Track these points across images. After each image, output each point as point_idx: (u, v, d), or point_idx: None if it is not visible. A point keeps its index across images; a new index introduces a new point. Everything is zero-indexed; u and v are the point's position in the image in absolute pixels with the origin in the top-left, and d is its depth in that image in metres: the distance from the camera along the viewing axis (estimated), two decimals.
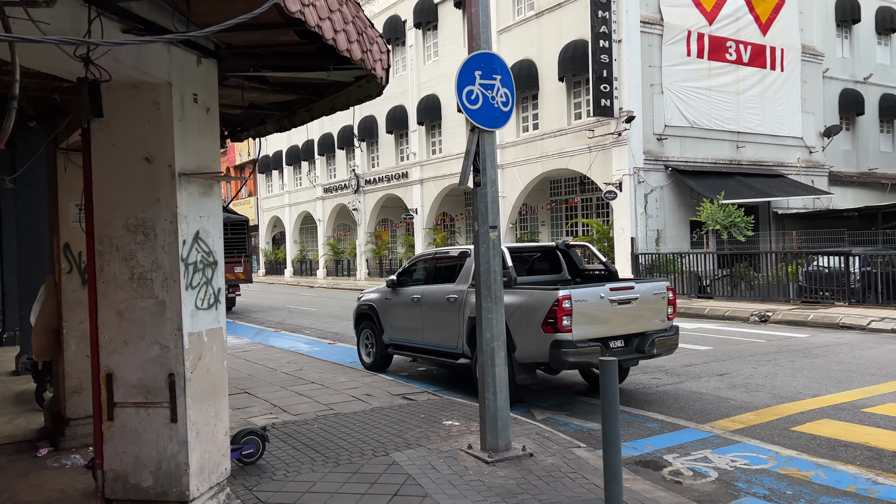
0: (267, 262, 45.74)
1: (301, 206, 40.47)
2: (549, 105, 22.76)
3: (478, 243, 5.23)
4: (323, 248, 37.94)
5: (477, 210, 5.27)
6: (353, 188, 34.15)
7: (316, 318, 17.97)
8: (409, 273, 9.75)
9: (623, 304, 7.30)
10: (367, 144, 33.75)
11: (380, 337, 9.88)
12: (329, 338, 14.01)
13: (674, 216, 20.98)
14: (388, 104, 30.97)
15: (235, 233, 20.34)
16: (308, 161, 39.44)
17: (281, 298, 25.99)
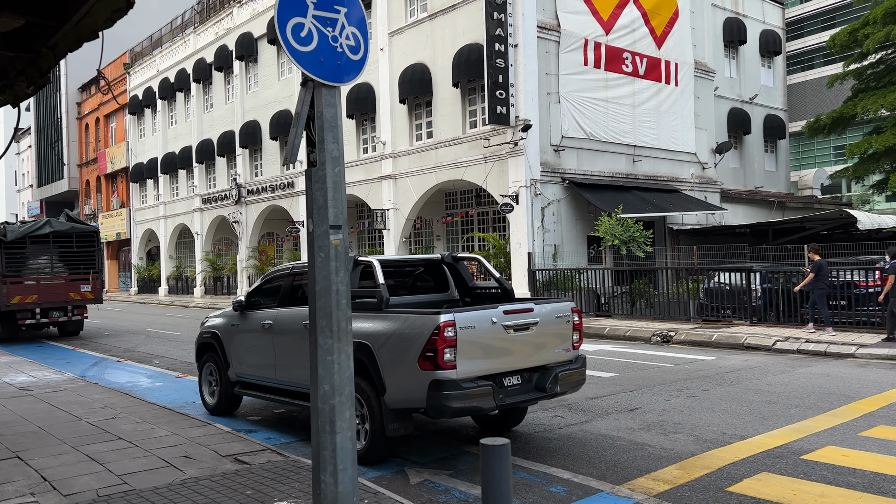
0: (140, 280, 41.82)
1: (178, 217, 37.18)
2: (443, 112, 21.42)
3: (312, 251, 3.53)
4: (201, 263, 34.85)
5: (312, 202, 3.57)
6: (234, 198, 31.50)
7: (175, 345, 15.56)
8: (261, 293, 7.88)
9: (520, 331, 5.78)
10: (250, 151, 31.25)
11: (225, 373, 7.92)
12: (181, 369, 11.79)
13: (571, 231, 20.08)
14: (273, 108, 28.74)
15: (82, 245, 17.57)
16: (185, 169, 36.32)
17: (145, 320, 23.09)
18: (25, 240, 16.57)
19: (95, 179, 47.66)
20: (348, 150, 25.28)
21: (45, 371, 10.66)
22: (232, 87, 32.26)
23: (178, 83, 35.79)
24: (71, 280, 17.23)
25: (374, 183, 24.05)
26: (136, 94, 40.51)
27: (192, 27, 35.44)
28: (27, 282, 16.60)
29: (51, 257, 17.14)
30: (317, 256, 3.48)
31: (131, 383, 10.51)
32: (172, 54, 36.82)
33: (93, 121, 47.70)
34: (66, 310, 17.09)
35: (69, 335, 18.12)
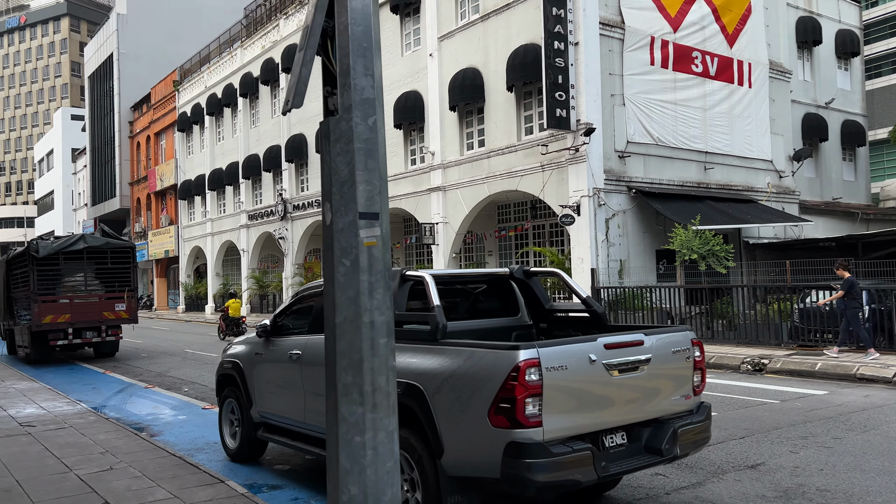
0: (187, 298, 41.42)
1: (224, 234, 36.63)
2: (496, 119, 20.01)
3: (330, 257, 2.11)
4: (247, 281, 34.10)
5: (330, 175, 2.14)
6: (280, 214, 30.66)
7: (210, 368, 14.38)
8: (290, 316, 6.54)
9: (627, 373, 4.26)
10: (296, 166, 30.41)
11: (248, 412, 6.59)
12: (210, 398, 10.52)
13: (638, 244, 18.33)
14: (319, 120, 27.74)
15: (117, 262, 16.68)
16: (232, 185, 35.78)
17: (185, 340, 22.19)
18: (58, 256, 15.75)
19: (146, 197, 47.81)
20: (395, 161, 24.10)
21: (59, 401, 9.54)
22: (278, 101, 31.56)
23: (225, 98, 35.38)
24: (105, 298, 16.33)
25: (422, 196, 22.76)
26: (184, 111, 40.39)
27: (239, 41, 35.05)
28: (61, 300, 15.76)
29: (85, 274, 16.29)
30: (337, 266, 2.08)
31: (152, 416, 9.30)
32: (220, 70, 36.50)
33: (144, 139, 47.96)
34: (100, 330, 16.17)
35: (104, 356, 17.22)
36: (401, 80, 23.67)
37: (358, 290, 2.06)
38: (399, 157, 23.95)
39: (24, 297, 16.08)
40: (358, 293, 2.06)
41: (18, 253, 17.05)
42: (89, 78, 57.76)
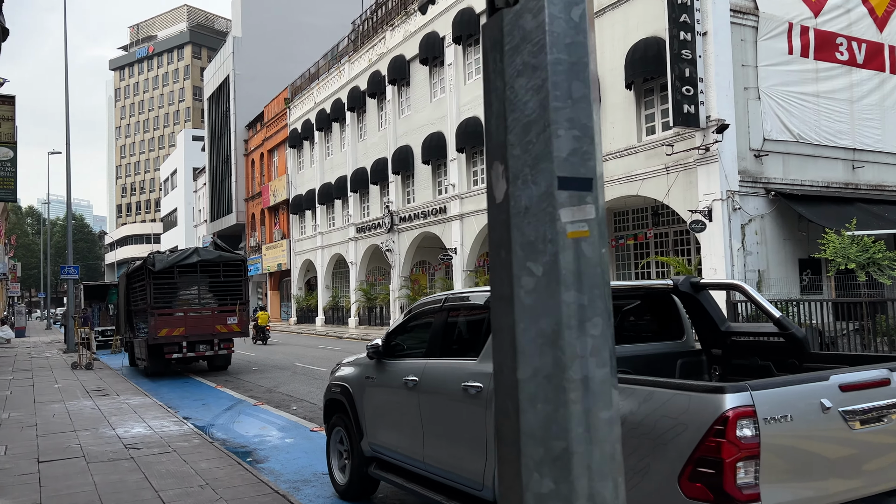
0: (299, 310, 42.26)
1: (333, 247, 37.03)
2: (613, 119, 18.69)
3: (505, 260, 1.14)
4: (355, 293, 34.21)
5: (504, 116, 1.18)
6: (387, 226, 30.47)
7: (319, 384, 13.96)
8: (405, 335, 5.71)
9: (871, 424, 3.07)
10: (402, 178, 30.16)
11: (358, 444, 5.80)
12: (319, 419, 9.95)
13: (778, 253, 16.44)
14: (426, 131, 27.43)
15: (229, 275, 16.68)
16: (341, 199, 36.13)
17: (296, 353, 22.15)
18: (174, 269, 15.90)
19: (260, 212, 49.43)
20: None
21: (168, 420, 9.21)
22: (384, 113, 31.53)
23: (334, 113, 35.85)
24: (218, 312, 16.35)
25: None
26: (295, 128, 41.37)
27: (346, 56, 35.44)
28: (176, 313, 15.89)
29: (198, 288, 16.38)
30: (519, 275, 1.14)
31: (258, 438, 8.76)
32: (328, 85, 37.07)
33: (258, 156, 49.70)
34: (213, 343, 16.18)
35: (217, 370, 17.27)
36: None
37: (559, 321, 1.12)
38: None
39: (142, 310, 16.36)
40: (559, 326, 1.11)
41: (137, 267, 17.46)
42: (208, 100, 60.82)
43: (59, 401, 11.28)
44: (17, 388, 13.20)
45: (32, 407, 10.66)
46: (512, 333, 1.12)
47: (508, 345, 1.14)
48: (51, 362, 19.41)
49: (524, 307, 1.12)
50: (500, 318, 1.17)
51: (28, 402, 11.13)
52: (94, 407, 10.50)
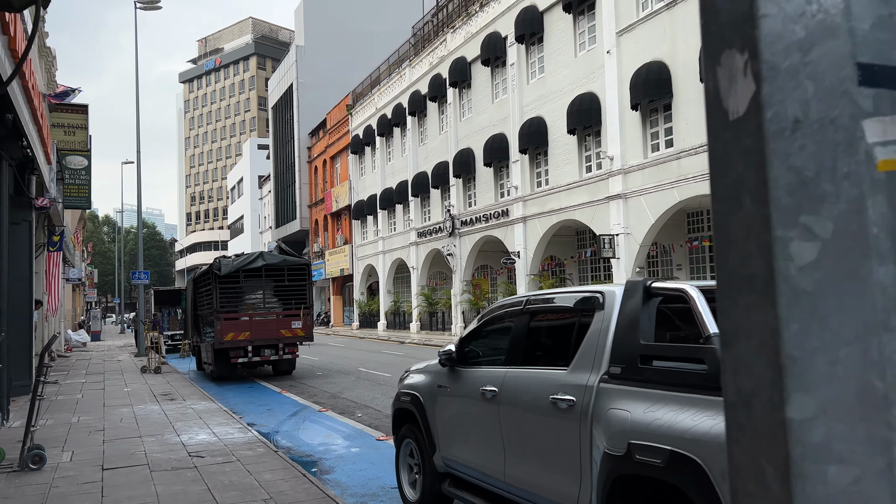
0: (361, 314, 42.40)
1: (395, 252, 36.95)
2: (686, 115, 17.81)
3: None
4: (416, 298, 33.99)
5: None
6: (448, 230, 30.12)
7: (383, 390, 13.65)
8: (480, 340, 5.25)
9: None
10: (463, 180, 29.77)
11: (430, 458, 5.36)
12: (384, 427, 9.59)
13: None
14: (487, 133, 26.98)
15: (294, 279, 16.58)
16: (402, 203, 36.03)
17: (359, 358, 21.98)
18: (239, 274, 15.90)
19: (323, 218, 49.95)
20: (568, 169, 22.53)
21: (232, 426, 9.00)
22: (445, 117, 31.25)
23: (395, 118, 35.81)
24: (282, 316, 16.27)
25: (599, 205, 20.94)
26: (356, 134, 41.59)
27: (407, 61, 35.36)
28: (241, 318, 15.88)
29: (263, 292, 16.35)
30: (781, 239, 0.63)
31: (323, 447, 8.45)
32: (389, 90, 37.09)
33: (320, 163, 50.26)
34: (278, 348, 16.10)
35: (282, 374, 17.20)
36: (574, 83, 22.13)
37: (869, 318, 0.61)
38: (573, 164, 22.35)
39: (209, 314, 16.44)
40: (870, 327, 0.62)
41: (203, 271, 17.59)
42: (272, 109, 62.02)
43: (127, 405, 11.29)
44: (89, 392, 13.35)
45: (101, 411, 10.67)
46: (774, 340, 0.64)
47: (764, 361, 0.65)
48: (122, 366, 19.79)
49: (798, 295, 0.64)
50: (741, 315, 0.69)
51: (98, 406, 11.17)
52: (160, 412, 10.42)
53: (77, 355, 24.72)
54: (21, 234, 12.92)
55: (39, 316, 16.80)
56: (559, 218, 22.91)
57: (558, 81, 23.05)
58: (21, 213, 12.87)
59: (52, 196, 13.65)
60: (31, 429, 6.85)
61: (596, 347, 3.74)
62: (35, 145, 10.50)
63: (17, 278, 12.72)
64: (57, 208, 16.64)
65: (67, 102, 17.65)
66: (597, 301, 3.90)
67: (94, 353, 25.50)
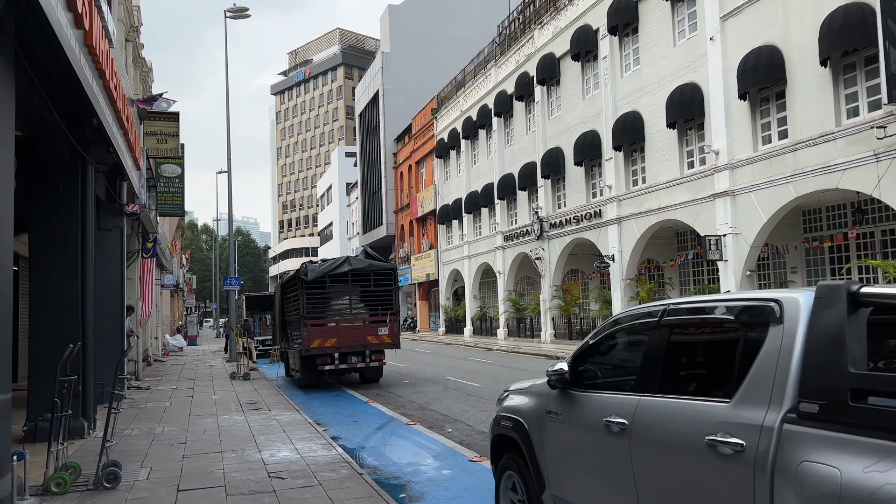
0: (447, 320, 41.89)
1: (480, 257, 36.21)
2: (802, 102, 16.16)
3: None
4: (503, 304, 33.09)
5: None
6: (536, 234, 29.08)
7: (474, 402, 12.87)
8: (599, 356, 4.37)
9: None
10: (552, 181, 28.66)
11: (538, 495, 4.51)
12: (477, 446, 8.81)
13: None
14: (577, 130, 25.82)
15: (380, 284, 16.07)
16: (487, 207, 35.25)
17: (447, 365, 21.32)
18: (325, 279, 15.54)
19: (408, 223, 49.91)
20: (667, 166, 21.09)
21: (316, 442, 8.44)
22: (532, 116, 30.27)
23: (480, 120, 35.11)
24: (369, 322, 15.79)
25: (703, 203, 19.43)
26: (441, 138, 41.19)
27: (493, 61, 34.61)
28: (328, 324, 15.51)
29: (350, 298, 15.92)
30: None
31: (412, 468, 7.74)
32: (474, 92, 36.44)
33: (406, 169, 50.27)
34: (364, 355, 15.63)
35: (369, 382, 16.74)
36: (674, 73, 20.72)
37: None
38: (672, 160, 20.91)
39: (296, 320, 16.17)
40: None
41: (290, 277, 17.39)
42: (359, 116, 62.76)
43: (212, 414, 11.00)
44: (178, 399, 13.25)
45: (186, 420, 10.41)
46: None
47: None
48: (213, 371, 19.92)
49: None
50: None
51: (183, 416, 10.94)
52: (244, 423, 10.04)
53: (173, 360, 25.27)
54: (112, 240, 12.97)
55: (133, 322, 17.04)
56: (658, 218, 21.47)
57: (655, 73, 21.66)
58: (112, 219, 12.93)
59: (143, 202, 13.68)
60: (106, 444, 6.47)
61: (774, 375, 2.80)
62: (121, 150, 10.37)
63: (107, 285, 12.76)
64: (149, 215, 16.82)
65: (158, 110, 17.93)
66: (772, 312, 2.94)
67: (188, 358, 26.04)
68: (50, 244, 9.09)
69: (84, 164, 9.27)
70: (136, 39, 19.97)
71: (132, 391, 14.62)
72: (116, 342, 12.96)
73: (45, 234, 9.06)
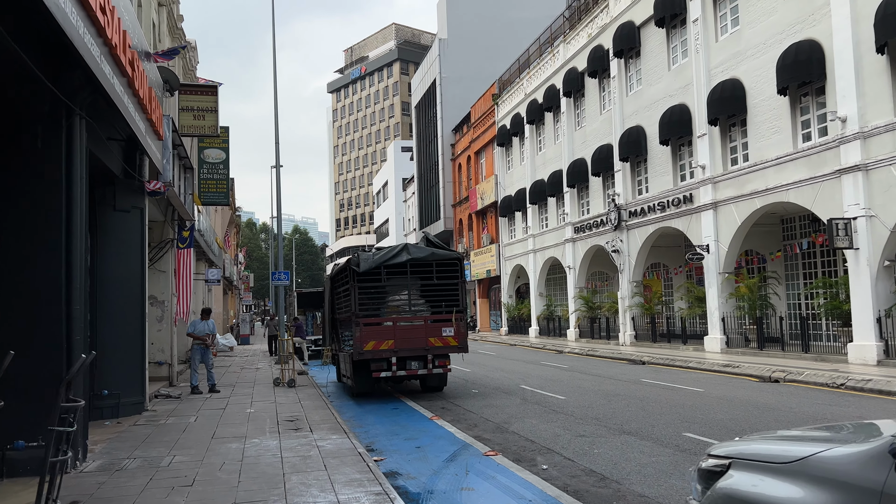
0: (510, 319, 39.24)
1: (547, 251, 33.42)
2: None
3: None
4: (574, 302, 30.25)
5: None
6: (613, 223, 26.19)
7: (564, 421, 10.32)
8: None
9: None
10: (631, 164, 25.72)
11: None
12: (592, 493, 6.29)
13: None
14: (663, 105, 22.87)
15: (443, 277, 13.65)
16: (555, 196, 32.46)
17: (517, 370, 18.78)
18: (380, 270, 13.21)
19: (467, 217, 47.47)
20: (776, 140, 18.02)
21: (366, 489, 6.04)
22: (608, 93, 27.36)
23: (547, 102, 32.32)
24: (431, 322, 13.38)
25: (825, 181, 16.34)
26: (503, 125, 38.58)
27: (560, 37, 31.80)
28: (384, 323, 13.19)
29: (409, 292, 13.55)
30: None
31: None
32: (540, 73, 33.69)
33: (464, 160, 47.84)
34: (426, 360, 13.23)
35: (431, 391, 14.37)
36: (784, 31, 17.70)
37: None
38: (783, 133, 17.85)
39: (347, 318, 13.89)
40: None
41: (340, 268, 15.14)
42: (415, 108, 60.67)
43: (240, 437, 8.78)
44: (207, 412, 11.14)
45: (206, 445, 8.21)
46: None
47: None
48: (257, 375, 17.92)
49: None
50: None
51: (205, 438, 8.75)
52: (275, 452, 7.76)
53: (219, 361, 23.51)
54: (130, 223, 10.95)
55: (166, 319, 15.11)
56: (764, 201, 18.40)
57: (760, 33, 18.59)
58: (130, 198, 10.90)
59: (168, 180, 11.62)
60: None
61: None
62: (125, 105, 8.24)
63: (123, 275, 10.73)
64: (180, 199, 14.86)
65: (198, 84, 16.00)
66: None
67: (236, 359, 24.25)
68: (23, 219, 7.00)
69: (70, 115, 7.15)
70: (171, 6, 18.12)
71: (160, 400, 12.62)
72: (136, 345, 10.94)
73: (17, 205, 6.98)
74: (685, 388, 13.79)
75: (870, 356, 14.94)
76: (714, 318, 20.45)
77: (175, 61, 19.32)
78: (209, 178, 20.59)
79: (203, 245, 22.13)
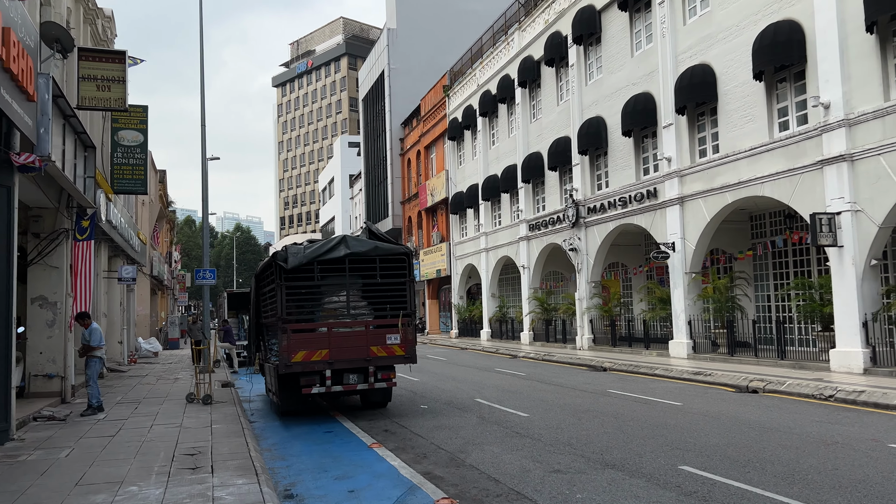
0: (461, 321, 37.46)
1: (500, 249, 31.78)
2: None
3: None
4: (528, 303, 28.68)
5: None
6: (571, 220, 24.69)
7: (533, 448, 8.52)
8: None
9: None
10: (591, 158, 24.26)
11: None
12: None
13: None
14: (626, 93, 21.45)
15: (389, 274, 11.71)
16: (509, 192, 30.86)
17: (471, 380, 16.99)
18: (313, 267, 11.19)
19: (417, 215, 45.58)
20: (750, 129, 16.74)
21: None
22: (566, 82, 25.87)
23: (501, 93, 30.67)
24: (374, 327, 11.45)
25: (804, 173, 15.07)
26: (455, 118, 36.82)
27: (515, 24, 30.20)
28: (319, 329, 11.17)
29: (347, 293, 11.57)
30: None
31: None
32: (493, 62, 32.04)
33: (414, 155, 45.93)
34: (367, 372, 11.27)
35: (373, 407, 12.43)
36: (759, 11, 16.43)
37: None
38: (758, 121, 16.55)
39: (273, 323, 11.79)
40: None
41: (266, 264, 13.01)
42: (363, 101, 58.42)
43: (114, 482, 6.67)
44: (89, 441, 8.93)
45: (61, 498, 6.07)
46: None
47: None
48: (173, 388, 15.63)
49: None
50: None
51: (67, 484, 6.61)
52: None
53: (138, 369, 21.00)
54: None
55: (60, 324, 12.72)
56: (737, 196, 17.07)
57: (732, 14, 17.28)
58: None
59: (45, 153, 9.35)
60: None
61: None
62: None
63: None
64: (80, 182, 12.53)
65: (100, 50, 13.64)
66: None
67: (157, 367, 21.74)
68: None
69: None
70: None
71: (38, 424, 10.30)
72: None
73: None
74: (660, 401, 12.22)
75: (855, 364, 13.68)
76: (680, 321, 19.08)
77: (82, 29, 16.85)
78: (123, 162, 18.14)
79: (118, 240, 19.61)
